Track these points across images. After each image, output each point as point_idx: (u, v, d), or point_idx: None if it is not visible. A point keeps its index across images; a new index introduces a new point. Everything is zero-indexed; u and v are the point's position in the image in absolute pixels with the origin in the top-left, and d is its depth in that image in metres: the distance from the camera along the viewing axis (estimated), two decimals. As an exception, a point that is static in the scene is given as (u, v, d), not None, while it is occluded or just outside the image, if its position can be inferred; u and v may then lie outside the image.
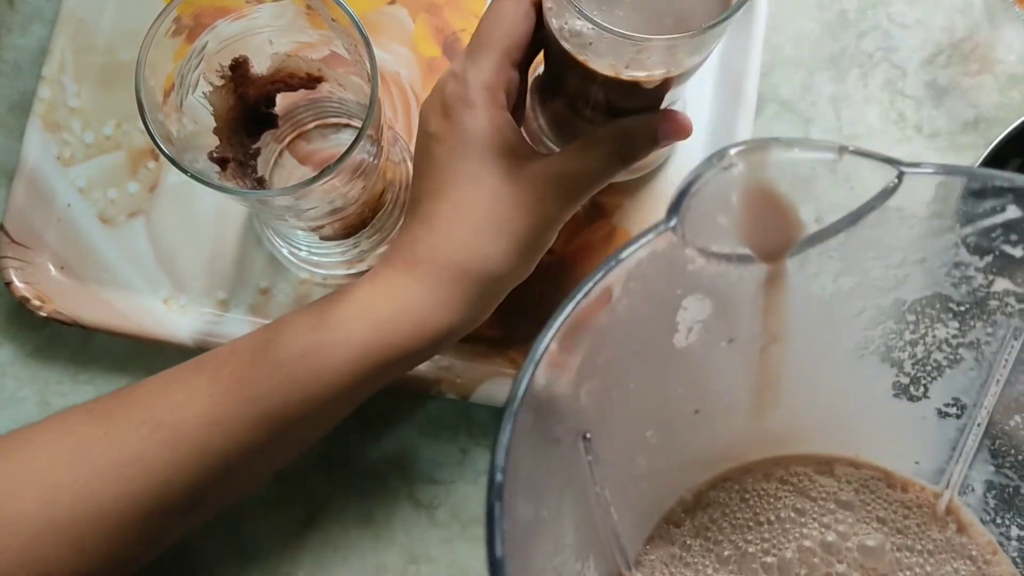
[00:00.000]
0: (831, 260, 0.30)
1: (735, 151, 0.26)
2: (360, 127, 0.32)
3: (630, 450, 0.35)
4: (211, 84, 0.36)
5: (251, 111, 0.38)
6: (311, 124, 0.43)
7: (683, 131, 0.36)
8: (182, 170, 0.32)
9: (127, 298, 0.44)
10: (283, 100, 0.39)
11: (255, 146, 0.39)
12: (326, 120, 0.43)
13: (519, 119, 0.38)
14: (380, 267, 0.36)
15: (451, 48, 0.47)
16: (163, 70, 0.33)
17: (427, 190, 0.36)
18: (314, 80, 0.38)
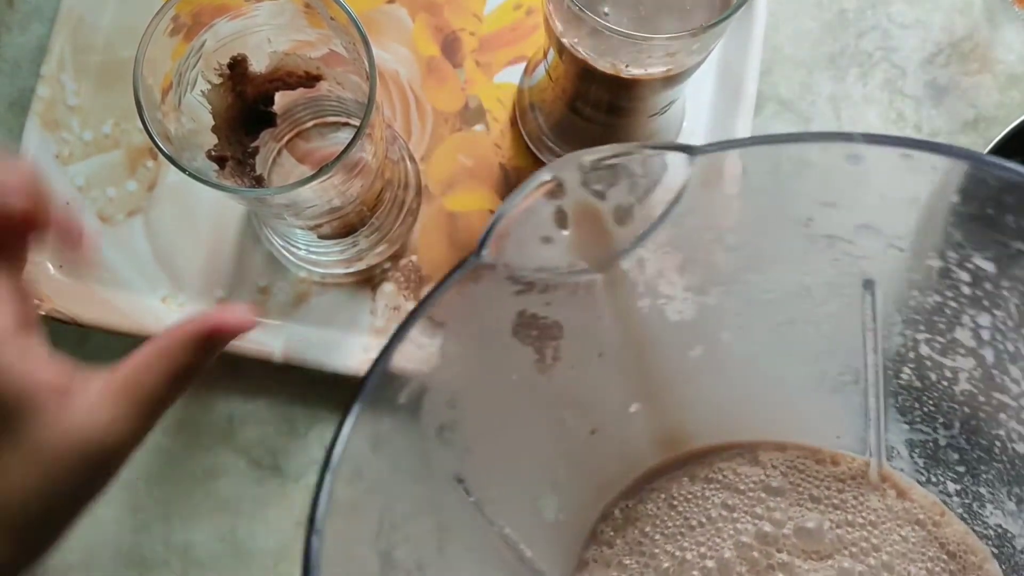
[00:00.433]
0: (668, 255, 0.30)
1: (548, 174, 0.27)
2: (359, 126, 0.32)
3: (527, 484, 0.35)
4: (209, 82, 0.36)
5: (249, 110, 0.38)
6: (309, 123, 0.43)
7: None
8: (180, 169, 0.32)
9: (126, 297, 0.44)
10: (281, 99, 0.39)
11: (253, 145, 0.39)
12: (324, 119, 0.43)
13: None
14: None
15: (450, 47, 0.47)
16: (161, 68, 0.33)
17: None
18: (313, 79, 0.38)
